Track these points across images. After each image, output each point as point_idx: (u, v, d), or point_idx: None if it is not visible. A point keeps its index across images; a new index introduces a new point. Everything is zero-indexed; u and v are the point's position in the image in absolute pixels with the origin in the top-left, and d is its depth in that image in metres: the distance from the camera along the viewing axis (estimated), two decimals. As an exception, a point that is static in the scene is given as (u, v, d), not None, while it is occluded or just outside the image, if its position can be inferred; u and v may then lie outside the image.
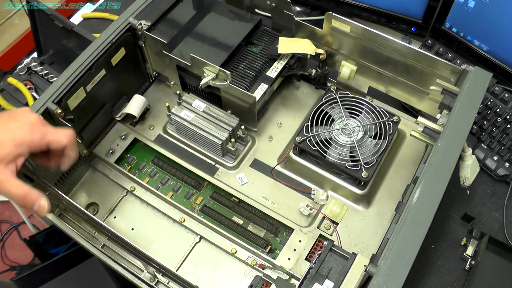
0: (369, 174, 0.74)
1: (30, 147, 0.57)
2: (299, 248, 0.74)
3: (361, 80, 0.86)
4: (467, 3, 0.91)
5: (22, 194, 0.56)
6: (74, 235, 0.76)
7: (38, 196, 0.58)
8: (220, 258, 0.76)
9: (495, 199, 0.86)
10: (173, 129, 0.85)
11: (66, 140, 0.60)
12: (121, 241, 0.59)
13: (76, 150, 0.63)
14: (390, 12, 1.01)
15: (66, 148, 0.61)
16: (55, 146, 0.60)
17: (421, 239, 0.56)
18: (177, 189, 0.82)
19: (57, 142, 0.60)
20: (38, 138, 0.58)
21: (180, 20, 0.85)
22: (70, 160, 0.63)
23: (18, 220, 1.57)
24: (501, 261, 0.76)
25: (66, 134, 0.61)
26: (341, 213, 0.77)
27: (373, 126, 0.79)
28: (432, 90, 0.75)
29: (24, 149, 0.56)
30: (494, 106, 0.91)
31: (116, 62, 0.79)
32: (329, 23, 0.79)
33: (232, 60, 0.83)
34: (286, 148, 0.84)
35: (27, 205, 0.58)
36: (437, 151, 0.63)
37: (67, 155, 0.62)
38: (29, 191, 0.57)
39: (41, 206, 0.58)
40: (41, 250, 1.14)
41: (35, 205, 0.58)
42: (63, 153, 0.62)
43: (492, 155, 0.88)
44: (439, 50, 0.99)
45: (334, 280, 0.60)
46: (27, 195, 0.57)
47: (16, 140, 0.56)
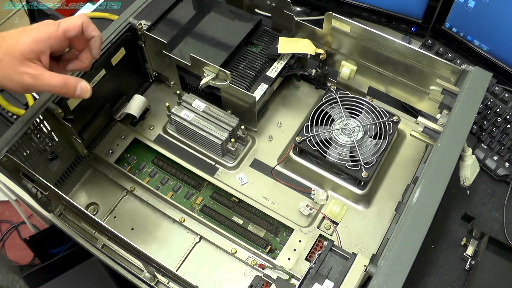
0: (369, 174, 0.74)
1: (50, 42, 0.57)
2: (299, 248, 0.74)
3: (361, 80, 0.86)
4: (467, 3, 0.91)
5: (62, 82, 0.57)
6: (74, 235, 0.76)
7: (77, 80, 0.59)
8: (220, 258, 0.76)
9: (495, 199, 0.86)
10: (173, 129, 0.85)
11: (80, 20, 0.60)
12: (121, 241, 0.59)
13: (96, 29, 0.63)
14: (390, 12, 1.01)
15: (84, 28, 0.61)
16: (72, 30, 0.60)
17: (421, 239, 0.56)
18: (177, 189, 0.82)
19: (72, 26, 0.59)
20: (53, 30, 0.58)
21: (180, 20, 0.85)
22: (96, 40, 0.63)
23: (18, 220, 1.57)
24: (501, 261, 0.76)
25: (79, 15, 0.61)
26: (341, 213, 0.77)
27: (373, 126, 0.79)
28: (432, 90, 0.75)
29: (43, 45, 0.57)
30: (494, 106, 0.91)
31: (116, 62, 0.79)
32: (329, 23, 0.79)
33: (232, 60, 0.83)
34: (286, 148, 0.84)
35: (69, 91, 0.59)
36: (437, 151, 0.63)
37: (89, 35, 0.62)
38: (67, 77, 0.58)
39: (83, 88, 0.60)
40: (41, 250, 1.14)
41: (77, 89, 0.59)
42: (85, 39, 0.62)
43: (492, 155, 0.88)
44: (439, 50, 0.99)
45: (334, 280, 0.60)
46: (67, 82, 0.58)
47: (33, 37, 0.56)
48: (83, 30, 0.61)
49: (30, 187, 0.69)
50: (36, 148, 0.70)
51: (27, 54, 0.56)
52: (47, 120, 0.70)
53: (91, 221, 0.63)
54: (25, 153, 0.69)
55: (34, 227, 1.44)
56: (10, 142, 0.65)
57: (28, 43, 0.56)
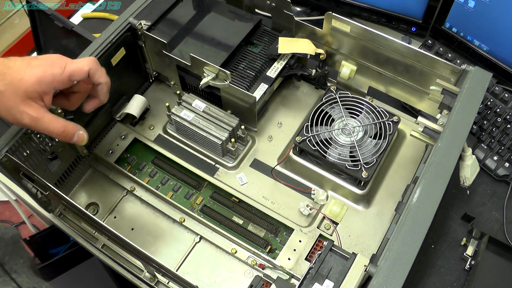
0: (369, 174, 0.74)
1: (54, 84, 0.57)
2: (299, 248, 0.74)
3: (361, 80, 0.86)
4: (467, 3, 0.91)
5: (60, 128, 0.58)
6: (74, 235, 0.76)
7: (76, 128, 0.59)
8: (220, 258, 0.76)
9: (495, 199, 0.86)
10: (173, 129, 0.85)
11: (87, 66, 0.59)
12: (121, 241, 0.59)
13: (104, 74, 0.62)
14: (390, 12, 1.01)
15: (90, 75, 0.60)
16: (78, 75, 0.59)
17: (421, 239, 0.56)
18: (177, 189, 0.82)
19: (79, 70, 0.59)
20: (58, 73, 0.57)
21: (180, 20, 0.85)
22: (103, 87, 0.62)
23: (18, 220, 1.57)
24: (501, 261, 0.76)
25: (87, 60, 0.60)
26: (341, 213, 0.77)
27: (373, 126, 0.79)
28: (432, 90, 0.75)
29: (46, 86, 0.56)
30: (494, 106, 0.91)
31: (116, 62, 0.79)
32: (329, 23, 0.79)
33: (232, 60, 0.83)
34: (286, 148, 0.84)
35: (67, 138, 0.59)
36: (437, 151, 0.63)
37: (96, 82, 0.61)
38: (66, 124, 0.58)
39: (79, 137, 0.60)
40: (41, 250, 1.14)
41: (74, 136, 0.60)
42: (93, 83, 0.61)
43: (492, 155, 0.88)
44: (439, 50, 0.99)
45: (334, 280, 0.60)
46: (65, 129, 0.58)
47: (37, 76, 0.55)
48: (89, 76, 0.60)
49: (30, 187, 0.69)
50: (36, 148, 0.70)
51: (30, 93, 0.55)
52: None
53: (91, 221, 0.63)
54: (25, 153, 0.69)
55: (34, 227, 1.44)
56: (10, 142, 0.65)
57: (32, 83, 0.55)
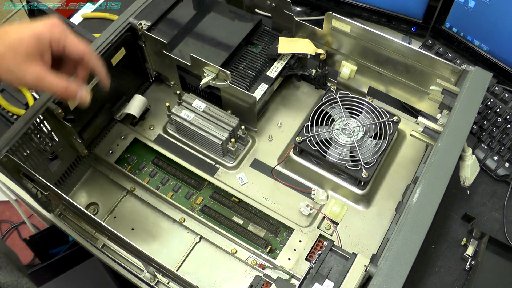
0: (369, 174, 0.74)
1: (51, 42, 0.56)
2: (299, 248, 0.74)
3: (361, 80, 0.86)
4: (467, 3, 0.91)
5: (63, 86, 0.57)
6: (74, 235, 0.76)
7: (78, 87, 0.59)
8: (220, 258, 0.76)
9: (495, 199, 0.86)
10: (173, 129, 0.85)
11: (83, 47, 0.59)
12: (121, 241, 0.59)
13: (99, 60, 0.61)
14: (390, 12, 1.01)
15: (85, 58, 0.60)
16: (72, 50, 0.58)
17: (421, 239, 0.56)
18: (177, 189, 0.82)
19: (75, 47, 0.58)
20: (57, 35, 0.57)
21: (180, 20, 0.85)
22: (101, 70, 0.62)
23: (18, 220, 1.57)
24: (501, 261, 0.76)
25: (85, 45, 0.59)
26: (341, 213, 0.77)
27: (373, 126, 0.79)
28: (432, 90, 0.75)
29: (45, 43, 0.56)
30: (494, 106, 0.91)
31: (116, 62, 0.79)
32: (329, 23, 0.79)
33: (232, 60, 0.83)
34: (286, 148, 0.84)
35: (69, 97, 0.59)
36: (437, 151, 0.63)
37: (92, 67, 0.61)
38: (69, 83, 0.58)
39: (82, 97, 0.60)
40: (41, 250, 1.14)
41: (77, 96, 0.59)
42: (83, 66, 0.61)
43: (492, 155, 0.88)
44: (439, 50, 0.99)
45: (334, 280, 0.60)
46: (68, 87, 0.58)
47: (36, 32, 0.55)
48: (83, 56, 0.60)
49: (30, 187, 0.69)
50: (36, 148, 0.70)
51: (30, 52, 0.55)
52: (47, 120, 0.70)
53: (91, 221, 0.63)
54: (25, 153, 0.69)
55: (34, 227, 1.44)
56: (10, 142, 0.65)
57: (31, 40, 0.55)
